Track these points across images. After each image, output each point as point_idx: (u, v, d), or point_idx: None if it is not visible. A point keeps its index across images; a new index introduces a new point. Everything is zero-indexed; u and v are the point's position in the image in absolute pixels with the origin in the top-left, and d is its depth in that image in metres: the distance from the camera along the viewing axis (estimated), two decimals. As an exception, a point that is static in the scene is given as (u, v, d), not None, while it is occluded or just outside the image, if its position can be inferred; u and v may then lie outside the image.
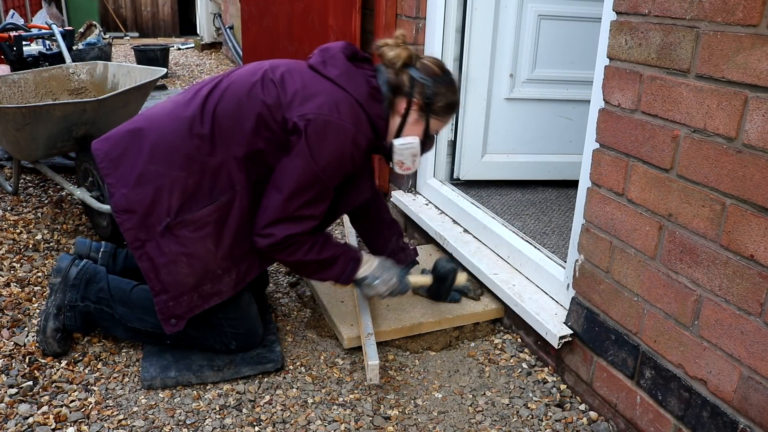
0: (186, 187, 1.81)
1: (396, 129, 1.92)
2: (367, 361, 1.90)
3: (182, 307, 1.87)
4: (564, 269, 2.05)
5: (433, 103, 1.88)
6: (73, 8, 10.06)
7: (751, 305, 1.37)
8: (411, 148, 1.91)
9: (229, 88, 1.86)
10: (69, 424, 1.76)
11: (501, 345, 2.21)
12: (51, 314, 2.00)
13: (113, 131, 1.93)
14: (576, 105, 2.95)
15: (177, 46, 9.40)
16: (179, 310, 1.87)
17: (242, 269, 1.92)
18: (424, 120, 1.91)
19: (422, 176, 2.98)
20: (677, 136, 1.51)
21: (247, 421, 1.80)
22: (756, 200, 1.33)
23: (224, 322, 1.97)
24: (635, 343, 1.70)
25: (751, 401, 1.39)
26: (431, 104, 1.88)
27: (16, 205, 3.16)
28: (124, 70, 3.46)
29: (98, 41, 6.28)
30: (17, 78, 3.25)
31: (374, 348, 1.96)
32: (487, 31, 2.77)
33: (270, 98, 1.80)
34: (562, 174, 3.07)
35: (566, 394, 1.97)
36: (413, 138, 1.91)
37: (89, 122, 2.80)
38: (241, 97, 1.83)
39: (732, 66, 1.35)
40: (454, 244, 2.51)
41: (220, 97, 1.84)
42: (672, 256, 1.56)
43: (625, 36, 1.63)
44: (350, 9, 3.01)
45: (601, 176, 1.76)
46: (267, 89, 1.81)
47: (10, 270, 2.54)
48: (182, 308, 1.87)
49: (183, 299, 1.86)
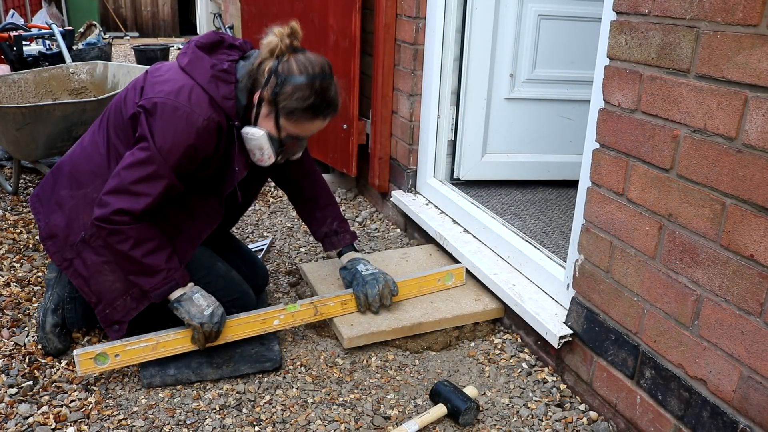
0: (93, 201, 1.87)
1: (253, 118, 1.89)
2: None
3: (119, 312, 1.94)
4: (564, 269, 2.05)
5: (280, 101, 1.81)
6: (73, 8, 10.06)
7: (751, 305, 1.37)
8: (254, 140, 1.87)
9: (114, 102, 1.96)
10: (69, 424, 1.76)
11: (501, 345, 2.21)
12: (49, 309, 2.01)
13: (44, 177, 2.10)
14: (576, 105, 2.95)
15: (177, 46, 9.39)
16: (117, 315, 1.95)
17: None
18: (273, 117, 1.85)
19: (422, 176, 2.98)
20: (677, 136, 1.51)
21: (247, 421, 1.80)
22: (756, 200, 1.33)
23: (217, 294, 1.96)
24: (635, 342, 1.70)
25: (751, 401, 1.39)
26: (277, 102, 1.82)
27: (16, 205, 3.16)
28: (124, 69, 3.46)
29: (98, 41, 6.28)
30: (17, 78, 3.26)
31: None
32: (487, 31, 2.77)
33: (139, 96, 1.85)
34: (562, 174, 3.07)
35: (566, 394, 1.97)
36: (258, 130, 1.86)
37: (89, 122, 2.80)
38: (119, 104, 1.92)
39: (732, 66, 1.35)
40: (454, 244, 2.51)
41: (109, 112, 1.97)
42: (672, 256, 1.56)
43: (625, 36, 1.63)
44: (350, 9, 3.01)
45: (601, 176, 1.76)
46: (137, 89, 1.89)
47: (10, 270, 2.54)
48: (119, 313, 1.94)
49: (117, 304, 1.94)
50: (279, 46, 1.82)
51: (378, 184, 3.19)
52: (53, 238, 1.97)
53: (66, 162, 2.03)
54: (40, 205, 2.04)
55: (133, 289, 1.92)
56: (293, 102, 1.81)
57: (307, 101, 1.81)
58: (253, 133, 1.87)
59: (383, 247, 2.92)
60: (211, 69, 1.83)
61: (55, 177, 2.04)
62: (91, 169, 1.95)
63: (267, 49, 1.83)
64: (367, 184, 3.36)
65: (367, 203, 3.45)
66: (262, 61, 1.84)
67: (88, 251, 1.93)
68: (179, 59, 1.89)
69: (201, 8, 9.78)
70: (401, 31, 2.90)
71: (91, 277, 1.93)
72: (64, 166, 2.03)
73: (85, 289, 1.95)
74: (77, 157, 2.01)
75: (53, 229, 1.97)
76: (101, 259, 1.92)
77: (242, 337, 2.01)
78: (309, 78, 1.81)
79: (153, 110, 1.78)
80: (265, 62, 1.84)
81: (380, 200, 3.31)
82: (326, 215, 2.30)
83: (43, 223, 1.99)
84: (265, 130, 1.86)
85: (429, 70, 2.78)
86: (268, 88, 1.82)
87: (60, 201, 1.98)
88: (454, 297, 2.33)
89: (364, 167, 3.32)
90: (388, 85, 3.01)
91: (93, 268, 1.93)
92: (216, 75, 1.83)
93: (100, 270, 1.92)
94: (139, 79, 1.94)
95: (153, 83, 1.85)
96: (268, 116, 1.86)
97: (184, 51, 1.90)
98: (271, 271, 2.62)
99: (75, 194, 1.96)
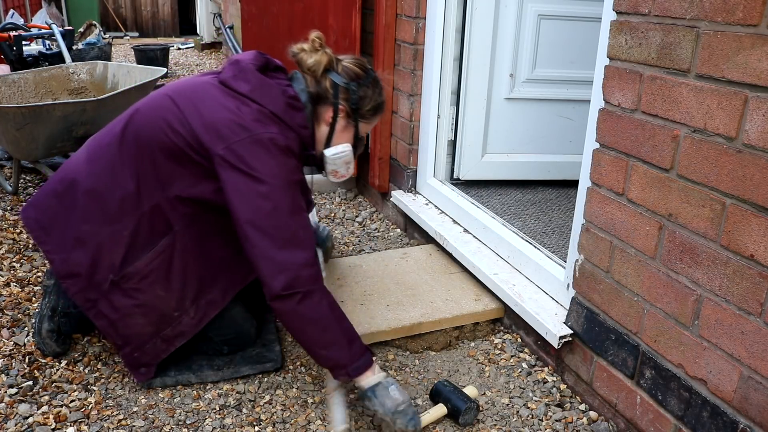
0: (122, 239, 1.76)
1: (325, 138, 1.85)
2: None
3: (148, 355, 1.86)
4: (564, 269, 2.05)
5: (361, 108, 1.82)
6: (73, 8, 10.06)
7: (751, 305, 1.37)
8: (344, 156, 1.86)
9: (139, 131, 1.76)
10: (69, 424, 1.76)
11: (501, 345, 2.21)
12: (45, 316, 1.99)
13: (39, 195, 1.88)
14: (576, 105, 2.95)
15: (177, 45, 9.40)
16: (145, 358, 1.86)
17: (201, 306, 1.88)
18: (353, 125, 1.85)
19: (422, 176, 2.98)
20: (677, 136, 1.51)
21: (247, 421, 1.80)
22: (756, 200, 1.33)
23: (210, 334, 1.96)
24: (635, 342, 1.70)
25: (751, 401, 1.39)
26: (358, 109, 1.81)
27: (16, 205, 3.16)
28: (123, 69, 3.46)
29: (98, 41, 6.28)
30: (17, 78, 3.26)
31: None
32: (487, 31, 2.77)
33: (185, 130, 1.69)
34: (562, 174, 3.07)
35: (566, 394, 1.97)
36: (345, 146, 1.86)
37: (89, 122, 2.80)
38: (150, 138, 1.73)
39: (732, 66, 1.35)
40: (454, 244, 2.51)
41: (134, 141, 1.76)
42: (672, 256, 1.56)
43: (625, 36, 1.63)
44: (350, 9, 3.01)
45: (601, 176, 1.76)
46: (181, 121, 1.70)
47: (10, 270, 2.54)
48: (148, 356, 1.86)
49: (146, 347, 1.85)
50: (330, 58, 1.79)
51: (378, 184, 3.19)
52: (74, 277, 1.79)
53: (79, 186, 1.80)
54: (44, 235, 1.82)
55: (165, 330, 1.84)
56: (370, 103, 1.84)
57: (379, 99, 1.86)
58: (341, 151, 1.85)
59: (383, 247, 2.92)
60: (283, 96, 1.73)
61: (64, 202, 1.81)
62: (116, 204, 1.75)
63: (321, 68, 1.77)
64: (367, 184, 3.36)
65: (367, 203, 3.45)
66: (319, 81, 1.79)
67: (117, 294, 1.78)
68: (234, 84, 1.71)
69: (201, 8, 9.78)
70: (401, 31, 2.90)
71: (119, 320, 1.80)
72: (76, 190, 1.79)
73: (110, 330, 1.82)
74: (94, 183, 1.78)
75: (74, 268, 1.78)
76: (133, 302, 1.79)
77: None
78: (370, 77, 1.84)
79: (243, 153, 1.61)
80: (322, 80, 1.79)
81: (380, 200, 3.31)
82: None
83: (59, 258, 1.80)
84: (347, 143, 1.87)
85: (429, 70, 2.78)
86: (342, 102, 1.79)
87: (81, 237, 1.78)
88: (454, 297, 2.33)
89: (364, 167, 3.32)
90: (388, 85, 3.01)
91: (123, 311, 1.79)
92: (289, 103, 1.73)
93: (130, 313, 1.80)
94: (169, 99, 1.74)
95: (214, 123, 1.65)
96: (346, 128, 1.85)
97: (235, 75, 1.72)
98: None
99: (101, 230, 1.76)
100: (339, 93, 1.79)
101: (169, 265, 1.80)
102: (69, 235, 1.79)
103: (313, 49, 1.78)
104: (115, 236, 1.76)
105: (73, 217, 1.79)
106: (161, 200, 1.76)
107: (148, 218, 1.76)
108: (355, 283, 2.41)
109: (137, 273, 1.78)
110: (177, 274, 1.81)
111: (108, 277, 1.78)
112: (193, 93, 1.74)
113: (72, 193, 1.81)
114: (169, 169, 1.73)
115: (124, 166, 1.76)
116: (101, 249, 1.77)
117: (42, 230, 1.83)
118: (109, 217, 1.76)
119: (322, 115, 1.82)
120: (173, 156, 1.72)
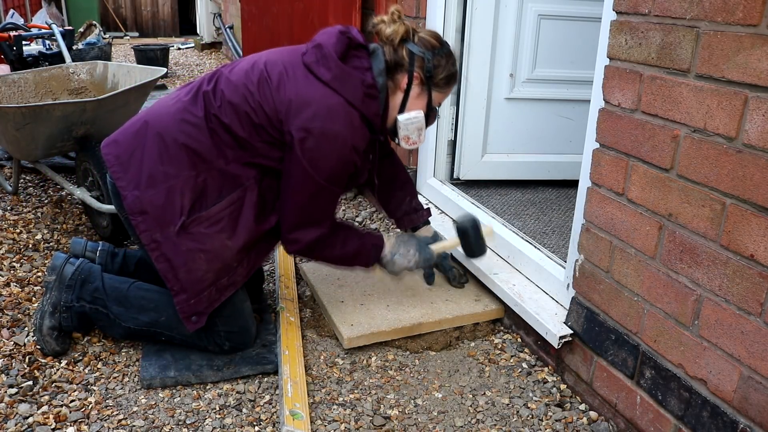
0: (196, 186, 1.83)
1: (399, 105, 1.94)
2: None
3: (203, 303, 1.89)
4: (564, 269, 2.05)
5: (434, 76, 1.90)
6: (73, 8, 10.06)
7: (751, 305, 1.37)
8: (417, 122, 1.94)
9: (226, 92, 1.85)
10: (69, 423, 1.76)
11: (501, 345, 2.21)
12: (47, 312, 2.00)
13: (120, 133, 1.93)
14: (576, 105, 2.95)
15: (177, 45, 9.40)
16: (200, 306, 1.89)
17: (252, 257, 1.97)
18: (426, 93, 1.93)
19: (422, 176, 2.98)
20: (677, 136, 1.51)
21: (247, 421, 1.80)
22: (756, 200, 1.33)
23: (217, 320, 1.97)
24: (635, 342, 1.70)
25: (751, 401, 1.39)
26: (432, 77, 1.90)
27: (16, 204, 3.16)
28: (124, 69, 3.46)
29: (98, 41, 6.28)
30: (17, 78, 3.25)
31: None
32: (487, 31, 2.77)
33: (267, 104, 1.81)
34: (562, 174, 3.07)
35: (566, 393, 1.97)
36: (417, 112, 1.94)
37: (89, 122, 2.80)
38: (239, 102, 1.82)
39: (732, 66, 1.35)
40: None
41: (221, 100, 1.84)
42: (672, 256, 1.56)
43: (625, 36, 1.63)
44: (350, 9, 3.01)
45: (601, 176, 1.76)
46: (263, 93, 1.82)
47: (10, 270, 2.54)
48: (203, 304, 1.89)
49: (203, 295, 1.89)
50: (407, 29, 1.88)
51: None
52: (144, 215, 1.81)
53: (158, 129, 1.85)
54: (122, 170, 1.85)
55: (221, 280, 1.90)
56: (443, 72, 1.90)
57: (453, 68, 1.93)
58: (414, 116, 1.93)
59: (383, 247, 2.91)
60: (362, 86, 1.82)
61: (142, 139, 1.86)
62: (193, 153, 1.83)
63: (398, 37, 1.86)
64: (367, 184, 3.36)
65: (366, 203, 3.45)
66: (396, 49, 1.88)
67: (185, 237, 1.82)
68: (317, 70, 1.80)
69: (201, 8, 9.78)
70: (401, 31, 2.90)
71: (182, 264, 1.83)
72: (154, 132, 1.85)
73: (170, 275, 1.84)
74: (175, 131, 1.84)
75: (146, 206, 1.81)
76: (199, 246, 1.83)
77: None
78: (446, 47, 1.93)
79: (312, 142, 1.77)
80: (399, 49, 1.88)
81: (380, 200, 3.31)
82: (405, 194, 2.32)
83: (132, 194, 1.82)
84: (420, 110, 1.94)
85: (429, 70, 2.78)
86: (417, 70, 1.88)
87: (154, 176, 1.82)
88: (454, 297, 2.33)
89: (364, 167, 3.31)
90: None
91: (187, 255, 1.82)
92: (367, 93, 1.83)
93: (194, 257, 1.83)
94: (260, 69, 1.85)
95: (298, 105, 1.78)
96: (420, 96, 1.92)
97: (317, 60, 1.81)
98: (270, 271, 2.62)
99: (177, 175, 1.81)
100: (414, 61, 1.87)
101: (238, 215, 1.87)
102: (144, 172, 1.83)
103: (391, 20, 1.88)
104: (189, 182, 1.83)
105: (151, 156, 1.84)
106: (236, 159, 1.85)
107: (221, 171, 1.84)
108: (355, 283, 2.41)
109: (209, 218, 1.84)
110: (244, 226, 1.88)
111: (177, 220, 1.81)
112: (284, 68, 1.84)
113: (153, 133, 1.86)
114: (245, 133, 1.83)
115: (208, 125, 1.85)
116: (173, 192, 1.81)
117: (121, 165, 1.86)
118: (186, 163, 1.83)
119: (398, 83, 1.91)
120: (251, 123, 1.82)
